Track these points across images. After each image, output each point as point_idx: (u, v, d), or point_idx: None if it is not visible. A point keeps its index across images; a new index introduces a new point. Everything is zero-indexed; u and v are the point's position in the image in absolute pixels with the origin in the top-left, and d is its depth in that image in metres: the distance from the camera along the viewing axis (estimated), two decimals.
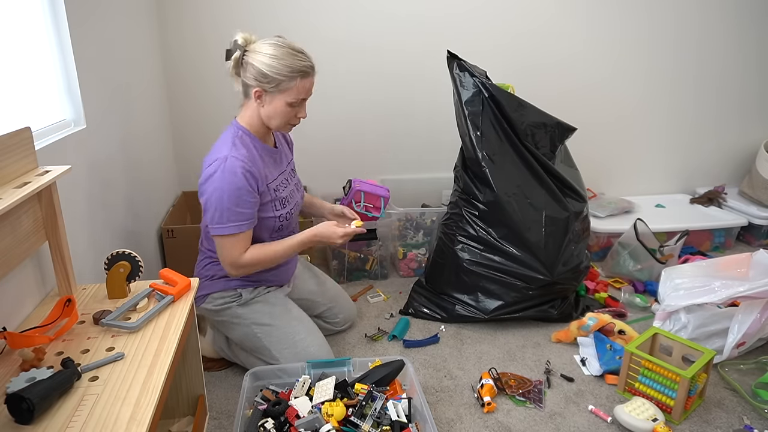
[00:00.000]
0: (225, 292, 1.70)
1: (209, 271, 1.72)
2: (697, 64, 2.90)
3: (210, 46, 2.47)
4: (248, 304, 1.71)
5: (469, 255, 2.08)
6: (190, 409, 1.51)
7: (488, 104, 2.01)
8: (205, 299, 1.72)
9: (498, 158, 2.02)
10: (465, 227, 2.10)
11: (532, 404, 1.68)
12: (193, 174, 2.67)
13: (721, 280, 1.79)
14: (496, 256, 2.04)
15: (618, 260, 2.45)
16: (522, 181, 2.03)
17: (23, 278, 1.24)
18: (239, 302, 1.70)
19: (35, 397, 0.89)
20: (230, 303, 1.70)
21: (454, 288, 2.12)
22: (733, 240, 2.82)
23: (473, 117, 2.03)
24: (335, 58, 2.59)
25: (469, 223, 2.09)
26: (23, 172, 1.17)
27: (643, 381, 1.67)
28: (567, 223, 2.04)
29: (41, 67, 1.46)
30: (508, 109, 1.99)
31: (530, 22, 2.66)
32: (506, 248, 2.03)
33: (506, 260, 2.03)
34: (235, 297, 1.70)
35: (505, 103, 1.99)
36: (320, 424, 1.39)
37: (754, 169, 2.92)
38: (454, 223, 2.15)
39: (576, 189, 2.10)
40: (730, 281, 1.77)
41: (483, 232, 2.06)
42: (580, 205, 2.10)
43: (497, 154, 2.02)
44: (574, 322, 2.00)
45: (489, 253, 2.05)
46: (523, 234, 2.00)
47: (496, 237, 2.04)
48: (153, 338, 1.15)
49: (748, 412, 1.65)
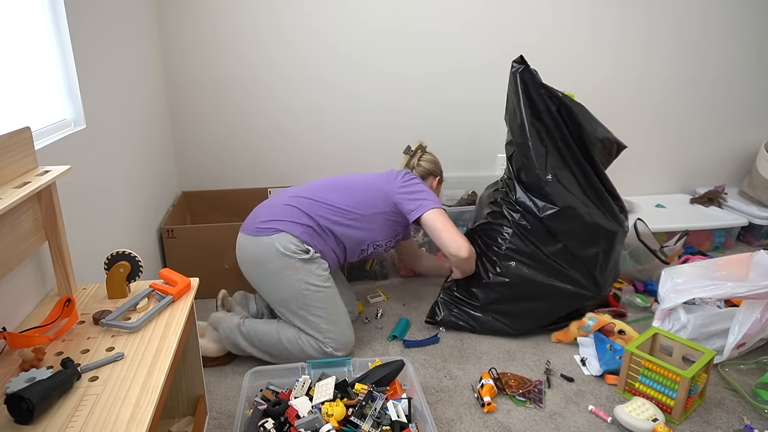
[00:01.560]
0: (299, 239, 1.78)
1: (296, 217, 1.80)
2: (697, 65, 2.90)
3: (210, 45, 2.47)
4: (310, 262, 1.78)
5: (514, 269, 1.97)
6: (190, 409, 1.51)
7: (560, 117, 1.90)
8: (277, 233, 1.77)
9: (561, 173, 1.92)
10: (512, 240, 1.97)
11: (532, 404, 1.68)
12: (193, 174, 2.68)
13: (721, 281, 1.79)
14: (542, 272, 1.95)
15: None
16: (583, 197, 1.94)
17: (23, 278, 1.24)
18: (304, 255, 1.76)
19: (35, 397, 0.89)
20: (296, 253, 1.76)
21: (490, 300, 2.00)
22: (733, 240, 2.82)
23: (540, 131, 1.90)
24: (335, 58, 2.59)
25: (518, 236, 1.96)
26: (23, 172, 1.17)
27: (643, 381, 1.67)
28: (618, 239, 1.99)
29: (41, 67, 1.46)
30: (583, 122, 1.91)
31: (532, 26, 2.66)
32: (556, 264, 1.94)
33: (553, 277, 1.96)
34: (302, 250, 1.77)
35: (580, 116, 1.92)
36: (320, 424, 1.39)
37: (754, 169, 2.92)
38: (497, 234, 2.01)
39: (623, 202, 2.05)
40: (730, 282, 1.77)
41: (532, 246, 1.94)
42: (626, 220, 2.05)
43: (560, 168, 1.92)
44: (574, 322, 1.99)
45: (536, 268, 1.96)
46: (578, 251, 1.93)
47: (546, 253, 1.94)
48: (153, 338, 1.15)
49: (748, 412, 1.65)
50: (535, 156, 1.91)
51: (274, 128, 2.66)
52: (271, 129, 2.66)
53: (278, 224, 1.79)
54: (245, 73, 2.55)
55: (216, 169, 2.68)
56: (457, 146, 2.77)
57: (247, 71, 2.55)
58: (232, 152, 2.67)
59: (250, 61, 2.53)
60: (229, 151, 2.67)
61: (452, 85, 2.68)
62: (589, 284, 1.98)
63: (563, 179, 1.92)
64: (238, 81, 2.55)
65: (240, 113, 2.61)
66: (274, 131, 2.66)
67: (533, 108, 1.90)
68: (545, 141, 1.92)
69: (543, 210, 1.92)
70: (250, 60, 2.53)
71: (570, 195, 1.92)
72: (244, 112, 2.62)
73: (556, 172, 1.91)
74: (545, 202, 1.92)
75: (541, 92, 1.89)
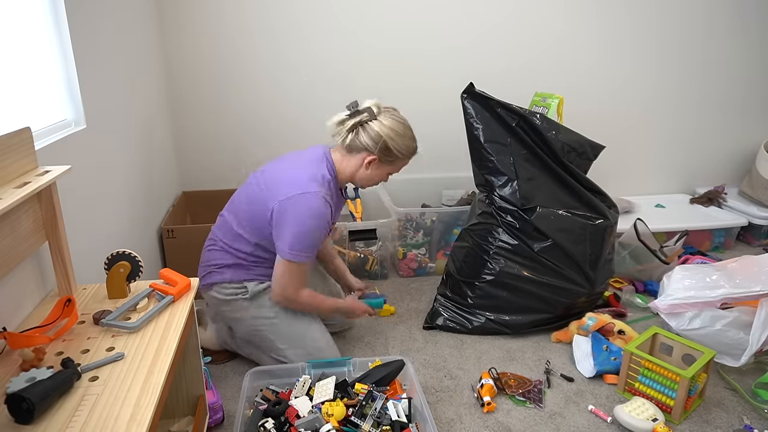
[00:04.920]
0: (232, 283, 1.71)
1: (218, 259, 1.72)
2: (696, 65, 2.90)
3: (211, 46, 2.47)
4: (255, 297, 1.71)
5: (504, 268, 2.00)
6: (190, 409, 1.51)
7: (520, 130, 1.99)
8: (211, 288, 1.73)
9: (534, 179, 2.00)
10: (502, 238, 2.01)
11: (532, 404, 1.68)
12: (193, 174, 2.68)
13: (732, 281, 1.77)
14: (533, 270, 1.99)
15: (618, 260, 2.45)
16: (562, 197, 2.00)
17: (23, 278, 1.24)
18: (245, 295, 1.70)
19: (35, 397, 0.89)
20: (237, 295, 1.71)
21: (484, 301, 2.04)
22: (733, 240, 2.82)
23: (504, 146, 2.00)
24: (337, 58, 2.59)
25: (508, 235, 2.01)
26: (23, 172, 1.17)
27: (643, 381, 1.67)
28: (607, 233, 2.02)
29: (42, 67, 1.46)
30: (542, 131, 1.98)
31: (533, 29, 2.66)
32: (547, 261, 1.97)
33: (543, 274, 1.98)
34: (241, 289, 1.71)
35: (540, 125, 1.99)
36: (320, 424, 1.39)
37: (754, 169, 2.92)
38: (488, 234, 2.05)
39: (610, 199, 2.09)
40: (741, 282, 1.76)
41: (522, 244, 1.98)
42: (615, 214, 2.08)
43: (532, 174, 2.00)
44: (573, 322, 2.00)
45: (526, 266, 1.99)
46: (566, 247, 1.96)
47: (535, 250, 1.97)
48: (153, 338, 1.15)
49: (748, 412, 1.65)
50: (502, 167, 2.01)
51: (274, 128, 2.66)
52: (271, 129, 2.66)
53: (209, 278, 1.73)
54: (246, 73, 2.55)
55: (216, 169, 2.68)
56: (457, 146, 2.76)
57: (247, 71, 2.55)
58: (232, 152, 2.67)
59: (250, 61, 2.53)
60: (229, 151, 2.67)
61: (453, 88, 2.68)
62: (581, 280, 2.00)
63: (536, 184, 2.00)
64: (238, 81, 2.55)
65: (240, 113, 2.61)
66: (274, 131, 2.66)
67: (491, 126, 2.02)
68: (510, 153, 2.01)
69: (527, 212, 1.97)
70: (251, 60, 2.53)
71: (546, 197, 1.99)
72: (245, 112, 2.61)
73: (530, 178, 2.00)
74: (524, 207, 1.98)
75: (498, 111, 2.00)
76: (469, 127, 2.05)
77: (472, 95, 2.04)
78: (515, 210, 1.99)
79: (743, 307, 1.79)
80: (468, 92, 2.05)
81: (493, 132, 2.02)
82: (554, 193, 2.01)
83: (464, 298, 2.08)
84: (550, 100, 2.29)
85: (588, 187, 2.04)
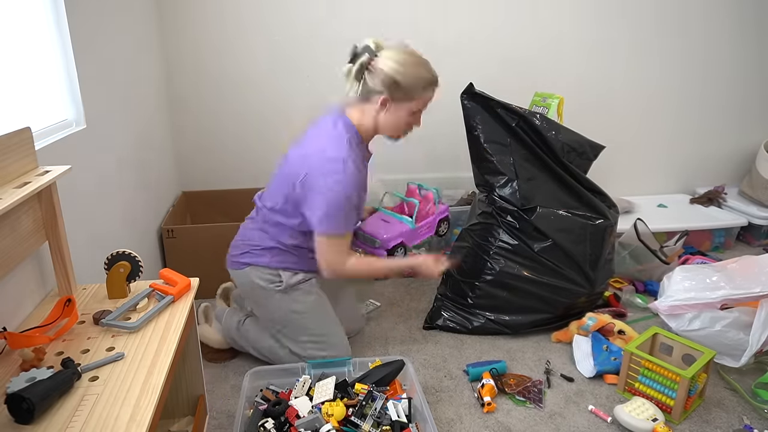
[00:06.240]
0: (268, 268, 1.69)
1: (257, 240, 1.70)
2: (696, 65, 2.90)
3: (211, 46, 2.47)
4: (288, 291, 1.69)
5: (504, 268, 2.00)
6: (190, 409, 1.51)
7: (520, 130, 1.99)
8: (245, 266, 1.70)
9: (533, 179, 2.00)
10: (502, 238, 2.01)
11: (532, 404, 1.68)
12: (193, 174, 2.68)
13: (732, 282, 1.77)
14: (533, 269, 1.98)
15: (618, 260, 2.45)
16: (562, 197, 2.00)
17: (23, 278, 1.24)
18: (279, 286, 1.68)
19: (35, 397, 0.89)
20: (272, 283, 1.68)
21: (484, 301, 2.03)
22: (733, 240, 2.82)
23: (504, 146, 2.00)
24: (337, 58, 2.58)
25: (509, 235, 2.00)
26: (23, 172, 1.17)
27: (643, 381, 1.67)
28: (607, 233, 2.02)
29: (42, 68, 1.46)
30: (542, 131, 1.98)
31: (534, 31, 2.66)
32: (547, 261, 1.97)
33: (543, 274, 1.98)
34: (276, 277, 1.68)
35: (539, 125, 1.98)
36: (320, 424, 1.39)
37: (754, 169, 2.92)
38: (488, 234, 2.05)
39: (610, 199, 2.09)
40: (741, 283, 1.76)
41: (522, 244, 1.98)
42: (615, 214, 2.08)
43: (531, 174, 2.00)
44: (573, 322, 2.00)
45: (526, 266, 1.99)
46: (566, 247, 1.96)
47: (535, 250, 1.97)
48: (153, 338, 1.15)
49: (748, 412, 1.65)
50: (502, 167, 2.00)
51: (274, 128, 2.65)
52: (272, 129, 2.65)
53: (246, 257, 1.71)
54: (246, 73, 2.55)
55: (216, 169, 2.68)
56: (457, 146, 2.76)
57: (247, 71, 2.54)
58: (232, 152, 2.67)
59: (250, 61, 2.53)
60: (229, 151, 2.67)
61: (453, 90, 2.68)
62: (581, 280, 1.99)
63: (536, 184, 1.99)
64: (238, 81, 2.55)
65: (240, 113, 2.61)
66: (274, 131, 2.66)
67: (491, 127, 2.02)
68: (510, 153, 2.00)
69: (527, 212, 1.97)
70: (251, 60, 2.53)
71: (546, 197, 1.98)
72: (245, 112, 2.61)
73: (530, 178, 1.99)
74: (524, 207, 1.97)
75: (498, 111, 2.00)
76: (469, 127, 2.06)
77: (472, 95, 2.04)
78: (515, 210, 1.99)
79: (743, 308, 1.79)
80: (468, 92, 2.05)
81: (493, 132, 2.02)
82: (554, 193, 2.01)
83: (464, 298, 2.07)
84: (550, 100, 2.29)
85: (588, 187, 2.05)
